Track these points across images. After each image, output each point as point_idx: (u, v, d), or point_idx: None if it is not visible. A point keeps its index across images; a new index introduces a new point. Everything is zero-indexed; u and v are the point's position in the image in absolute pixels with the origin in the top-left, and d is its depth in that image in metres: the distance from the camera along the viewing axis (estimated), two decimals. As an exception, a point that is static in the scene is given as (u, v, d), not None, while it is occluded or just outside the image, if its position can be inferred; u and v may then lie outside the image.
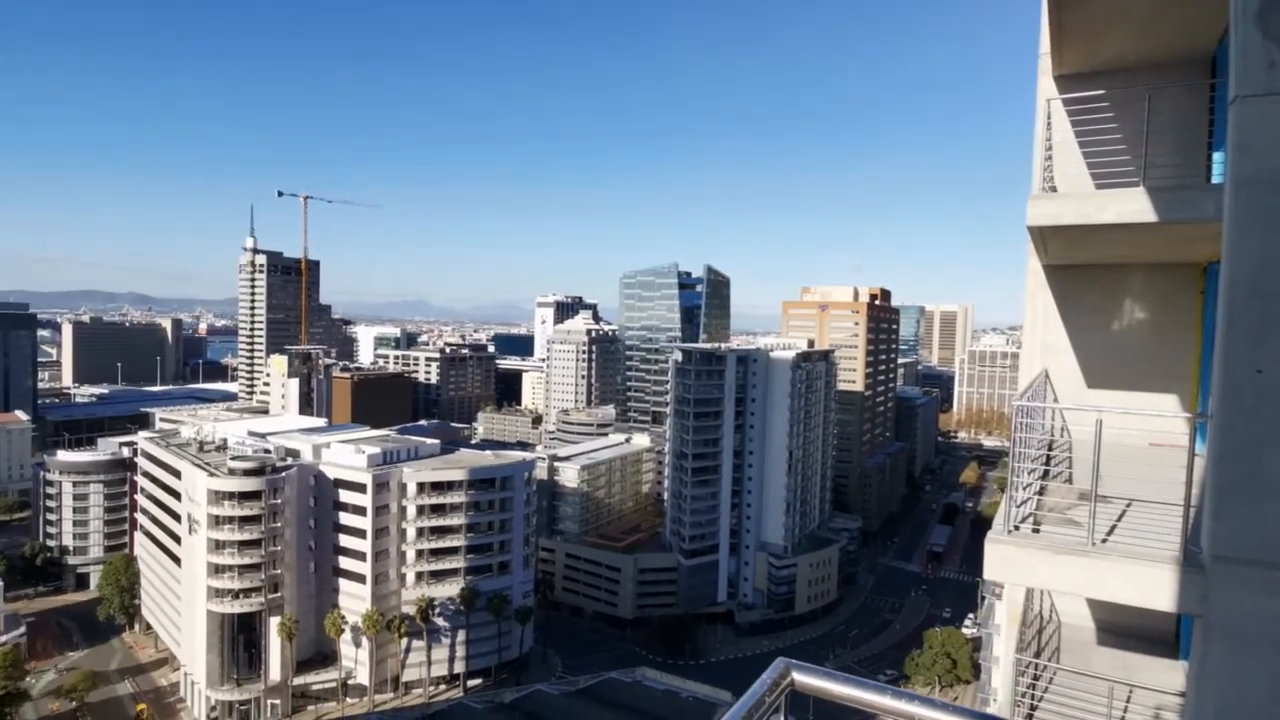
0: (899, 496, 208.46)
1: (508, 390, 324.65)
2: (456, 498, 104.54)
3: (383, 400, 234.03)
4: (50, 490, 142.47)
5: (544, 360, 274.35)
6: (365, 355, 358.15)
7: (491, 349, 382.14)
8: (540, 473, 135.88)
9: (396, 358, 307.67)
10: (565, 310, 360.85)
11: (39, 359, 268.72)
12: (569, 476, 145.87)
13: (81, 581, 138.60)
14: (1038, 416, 8.40)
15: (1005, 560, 6.37)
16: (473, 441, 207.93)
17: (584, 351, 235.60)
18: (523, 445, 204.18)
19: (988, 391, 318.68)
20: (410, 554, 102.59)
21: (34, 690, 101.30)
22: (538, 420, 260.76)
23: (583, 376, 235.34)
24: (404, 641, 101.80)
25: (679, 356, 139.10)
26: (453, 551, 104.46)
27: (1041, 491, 7.58)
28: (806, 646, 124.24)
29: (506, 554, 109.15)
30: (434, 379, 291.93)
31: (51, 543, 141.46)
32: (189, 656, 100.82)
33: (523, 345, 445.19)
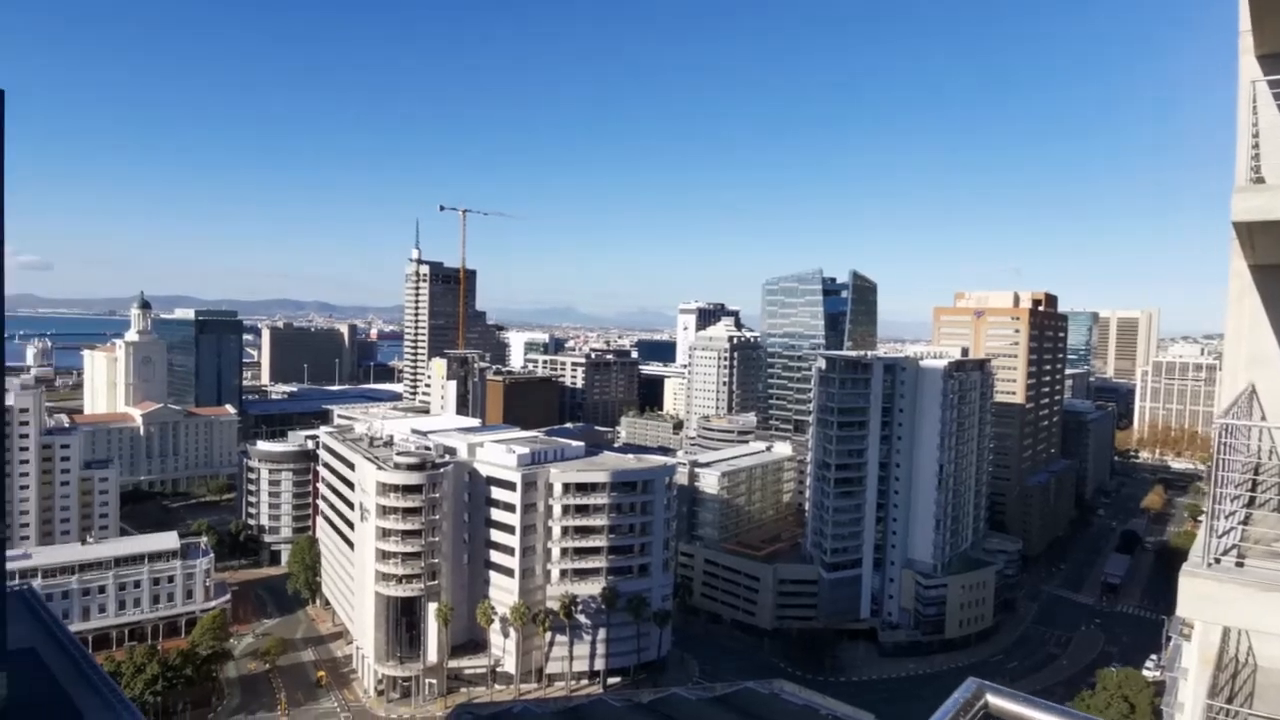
0: (1066, 519, 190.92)
1: (650, 395, 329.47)
2: (599, 499, 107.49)
3: (532, 402, 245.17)
4: (251, 476, 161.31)
5: (686, 366, 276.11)
6: (516, 359, 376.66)
7: (634, 355, 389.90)
8: (681, 478, 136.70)
9: (545, 362, 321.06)
10: (707, 317, 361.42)
11: (244, 360, 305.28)
12: (709, 483, 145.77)
13: (275, 557, 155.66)
14: (1243, 436, 7.53)
15: (1203, 596, 5.78)
16: (615, 445, 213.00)
17: (725, 358, 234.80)
18: (664, 450, 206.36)
19: (1176, 408, 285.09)
20: (555, 551, 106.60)
21: (236, 650, 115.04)
22: (679, 426, 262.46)
23: (724, 383, 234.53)
24: (548, 635, 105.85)
25: (822, 364, 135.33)
26: (595, 551, 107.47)
27: (1247, 521, 6.80)
28: (958, 674, 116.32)
29: (646, 557, 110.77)
30: (579, 383, 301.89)
31: (252, 521, 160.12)
32: (360, 632, 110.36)
33: (665, 351, 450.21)
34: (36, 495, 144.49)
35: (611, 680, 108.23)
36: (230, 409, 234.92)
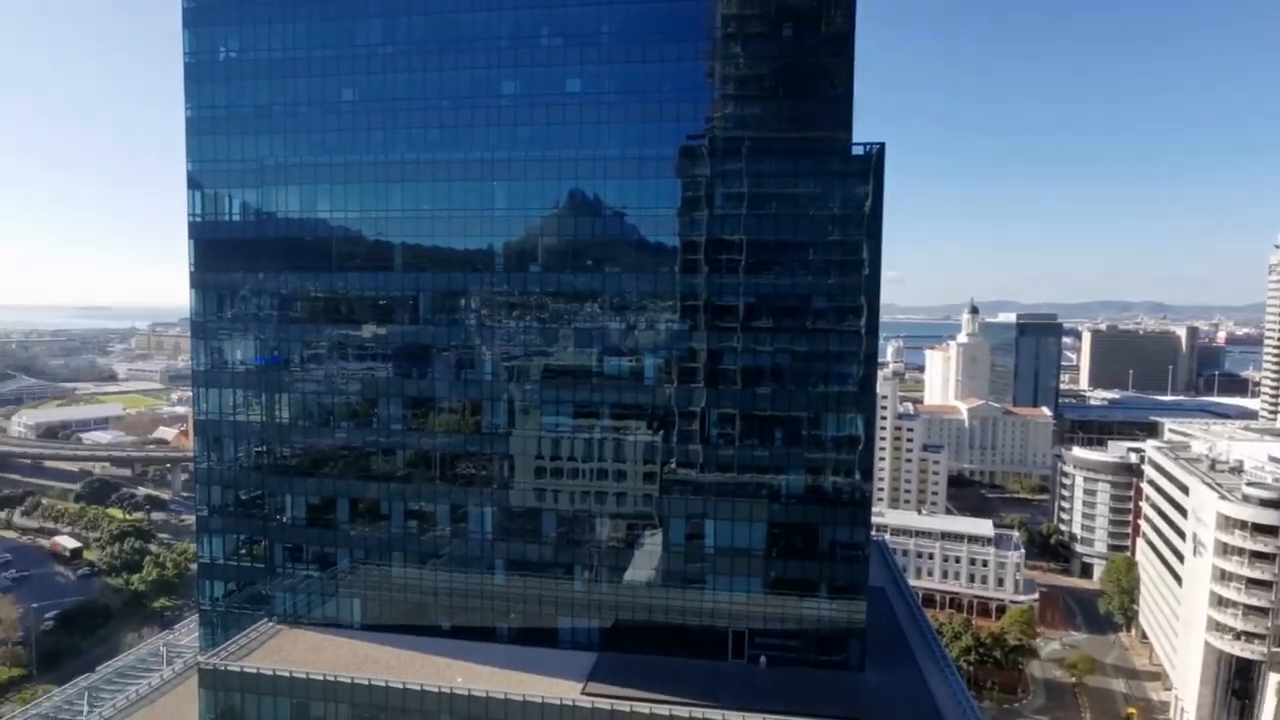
0: None
1: None
2: None
3: None
4: (1065, 481, 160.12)
5: None
6: None
7: None
8: None
9: None
10: None
11: (1061, 363, 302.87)
12: None
13: (1085, 569, 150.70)
14: None
15: None
16: None
17: None
18: None
19: None
20: None
21: (1041, 652, 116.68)
22: None
23: None
24: None
25: None
26: None
27: None
28: None
29: None
30: None
31: (1063, 527, 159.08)
32: (1182, 681, 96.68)
33: None
34: (889, 467, 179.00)
35: None
36: (1045, 411, 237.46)
